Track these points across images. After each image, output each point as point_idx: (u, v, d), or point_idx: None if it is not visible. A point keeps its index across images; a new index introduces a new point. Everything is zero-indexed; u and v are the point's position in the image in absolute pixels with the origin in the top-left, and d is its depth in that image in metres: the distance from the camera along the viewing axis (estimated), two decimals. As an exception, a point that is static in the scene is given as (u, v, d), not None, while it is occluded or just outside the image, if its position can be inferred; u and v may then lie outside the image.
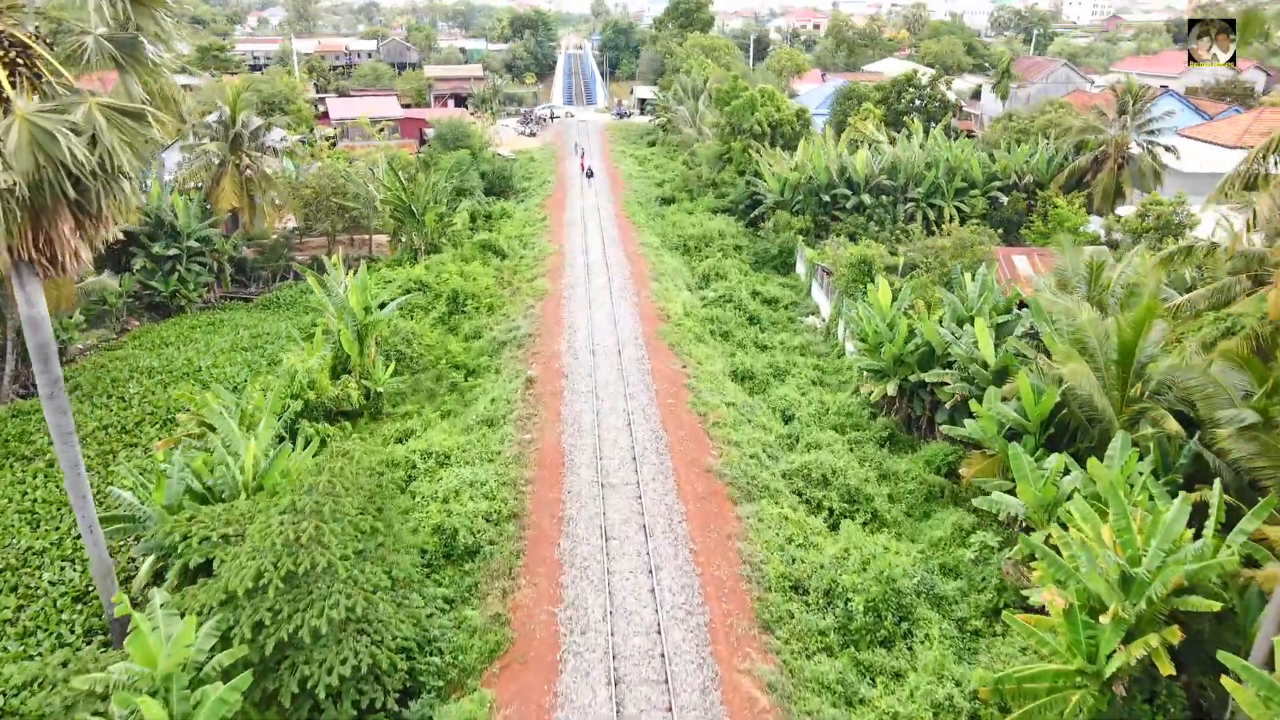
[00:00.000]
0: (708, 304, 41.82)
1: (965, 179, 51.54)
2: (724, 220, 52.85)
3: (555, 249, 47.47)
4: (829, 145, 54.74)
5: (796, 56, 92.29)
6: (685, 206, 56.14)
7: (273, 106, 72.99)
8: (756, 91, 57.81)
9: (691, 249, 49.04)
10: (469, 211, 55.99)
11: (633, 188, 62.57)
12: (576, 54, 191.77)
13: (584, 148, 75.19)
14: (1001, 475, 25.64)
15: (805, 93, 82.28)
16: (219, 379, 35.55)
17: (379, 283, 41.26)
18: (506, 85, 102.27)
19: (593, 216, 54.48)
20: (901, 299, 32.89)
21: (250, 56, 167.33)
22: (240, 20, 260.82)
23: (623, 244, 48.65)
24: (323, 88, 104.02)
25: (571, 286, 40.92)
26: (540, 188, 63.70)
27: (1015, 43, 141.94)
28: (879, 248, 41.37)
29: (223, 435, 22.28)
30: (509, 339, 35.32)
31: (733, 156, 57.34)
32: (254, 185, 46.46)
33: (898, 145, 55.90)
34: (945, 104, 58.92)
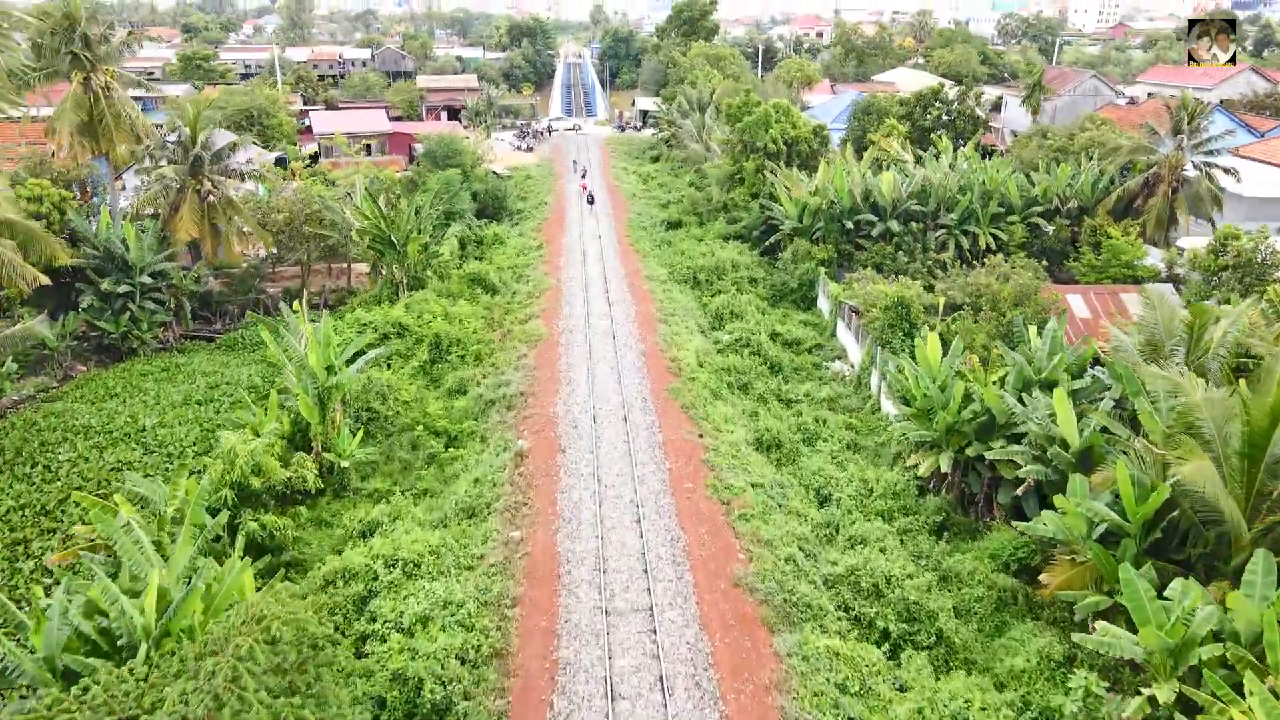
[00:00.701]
0: (723, 349, 37.17)
1: (1002, 203, 46.99)
2: (736, 248, 48.23)
3: (552, 283, 42.83)
4: (851, 166, 50.16)
5: (806, 66, 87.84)
6: (694, 232, 51.54)
7: (252, 120, 68.45)
8: (770, 107, 53.27)
9: (702, 282, 44.41)
10: (458, 237, 51.40)
11: (636, 209, 57.98)
12: (575, 63, 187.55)
13: (584, 165, 70.57)
14: (1094, 586, 20.99)
15: (818, 105, 77.79)
16: (163, 442, 30.90)
17: (354, 326, 36.60)
18: (502, 96, 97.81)
19: (593, 243, 49.86)
20: (952, 354, 28.26)
21: (241, 65, 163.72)
22: (235, 28, 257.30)
23: (626, 276, 44.01)
24: (311, 99, 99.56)
25: (570, 330, 36.26)
26: (536, 210, 59.10)
27: (1030, 52, 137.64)
28: (915, 287, 36.75)
29: (125, 557, 17.59)
30: (497, 397, 30.64)
31: (745, 177, 52.77)
32: (217, 212, 41.84)
33: (926, 166, 51.34)
34: (975, 120, 54.40)
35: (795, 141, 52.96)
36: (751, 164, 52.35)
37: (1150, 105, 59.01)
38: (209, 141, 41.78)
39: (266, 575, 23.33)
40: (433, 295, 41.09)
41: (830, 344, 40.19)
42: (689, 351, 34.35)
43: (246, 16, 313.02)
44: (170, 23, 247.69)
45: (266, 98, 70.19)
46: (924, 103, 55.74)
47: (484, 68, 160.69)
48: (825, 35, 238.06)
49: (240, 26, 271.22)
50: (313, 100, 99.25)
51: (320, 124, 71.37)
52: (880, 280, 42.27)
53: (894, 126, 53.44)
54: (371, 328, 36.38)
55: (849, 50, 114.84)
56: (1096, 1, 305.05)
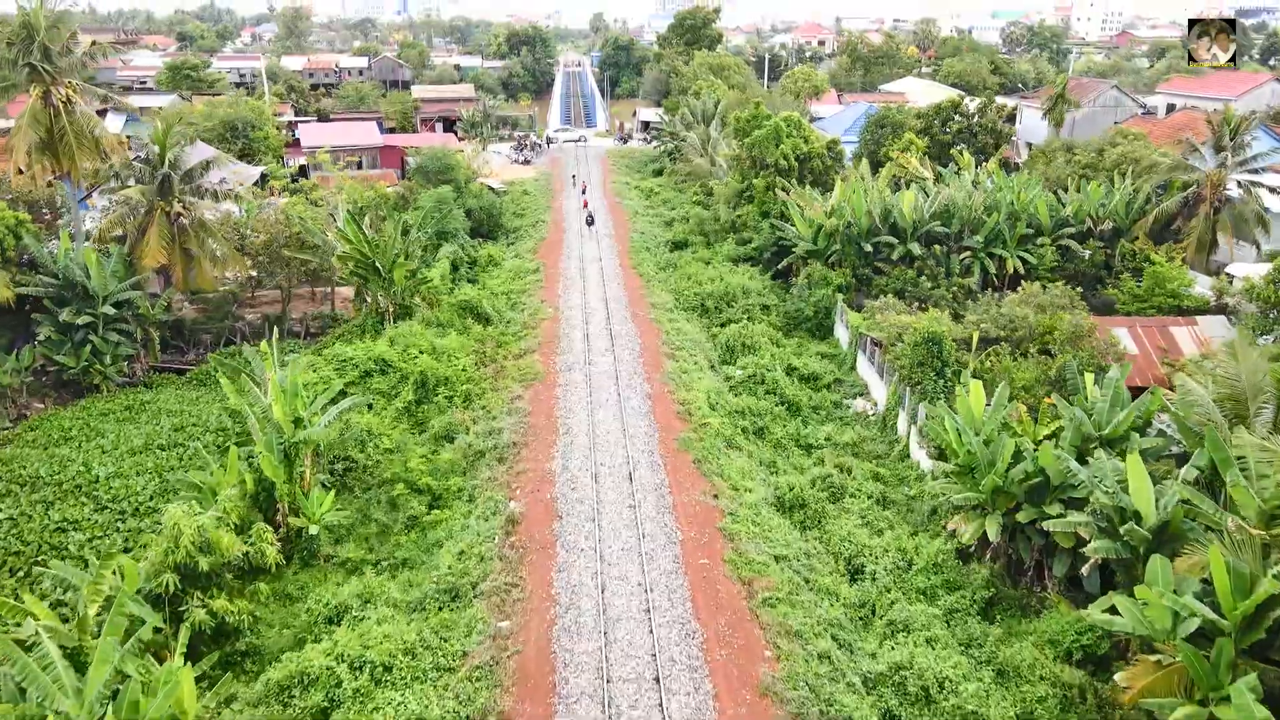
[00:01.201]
0: (736, 387, 34.11)
1: (1030, 224, 44.01)
2: (747, 272, 45.21)
3: (549, 312, 39.79)
4: (869, 184, 47.18)
5: (814, 76, 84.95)
6: (701, 254, 48.49)
7: (236, 133, 65.53)
8: (781, 120, 50.31)
9: (711, 310, 41.36)
10: (450, 259, 48.36)
11: (638, 228, 54.98)
12: (575, 71, 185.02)
13: (584, 180, 67.53)
14: (1185, 693, 17.91)
15: (827, 117, 74.87)
16: (117, 496, 27.81)
17: (332, 363, 33.51)
18: (499, 106, 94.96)
19: (593, 266, 46.83)
20: (997, 403, 25.20)
21: (235, 74, 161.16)
22: (231, 36, 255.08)
23: (629, 304, 40.96)
24: (302, 109, 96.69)
25: (568, 367, 33.18)
26: (533, 228, 56.10)
27: (1039, 61, 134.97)
28: (946, 320, 33.72)
29: (30, 685, 14.49)
30: (487, 448, 27.54)
31: (754, 195, 49.77)
32: (189, 235, 38.80)
33: (946, 183, 48.36)
34: (998, 134, 51.46)
35: (808, 157, 50.00)
36: (761, 181, 49.36)
37: (1181, 118, 56.13)
38: (180, 159, 38.74)
39: (223, 666, 20.27)
40: (420, 326, 38.04)
41: (850, 378, 37.12)
42: (699, 392, 31.27)
43: (245, 24, 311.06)
44: (166, 31, 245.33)
45: (252, 109, 67.25)
46: (943, 116, 52.79)
47: (482, 77, 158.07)
48: (828, 43, 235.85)
49: (238, 35, 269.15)
50: (304, 111, 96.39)
51: (308, 137, 68.41)
52: (903, 308, 39.29)
53: (913, 141, 50.49)
54: (352, 364, 33.31)
55: (855, 59, 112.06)
56: (1099, 9, 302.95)
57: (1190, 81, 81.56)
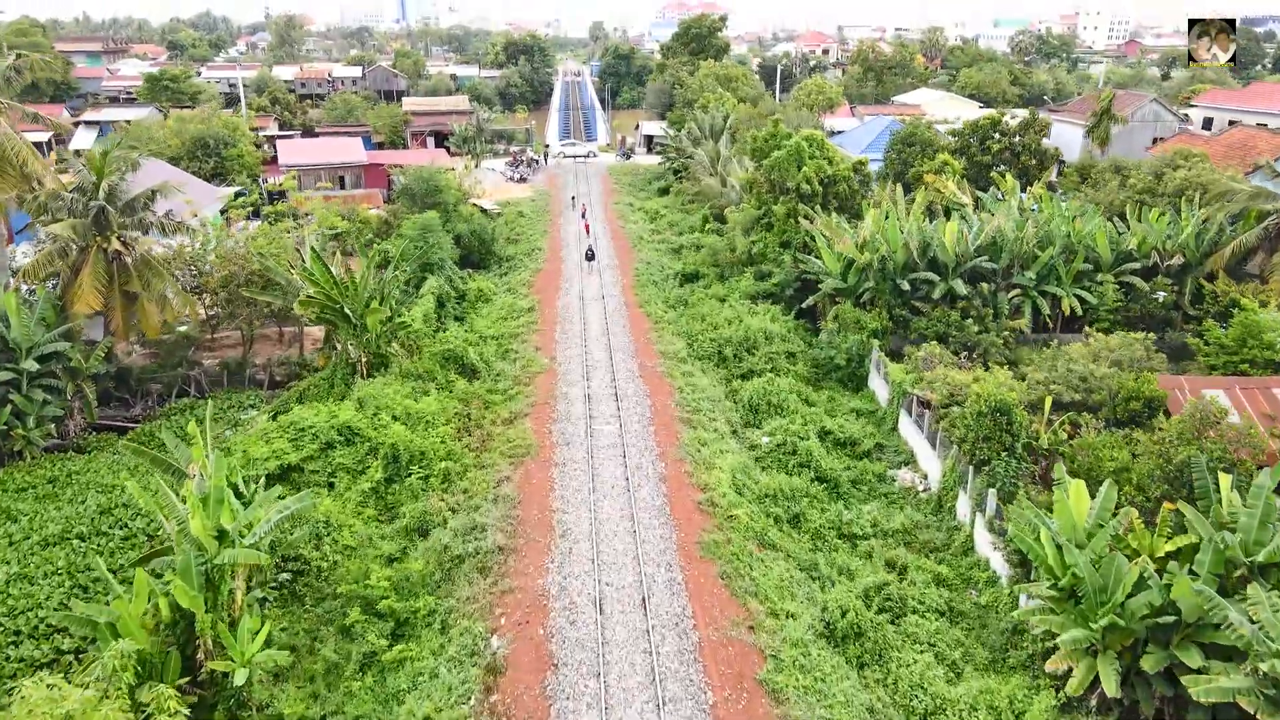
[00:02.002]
0: (764, 459, 29.02)
1: (1087, 258, 39.06)
2: (767, 311, 40.14)
3: (545, 363, 34.71)
4: (902, 213, 42.21)
5: (827, 88, 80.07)
6: (714, 289, 43.42)
7: (208, 151, 60.59)
8: (801, 140, 45.34)
9: (729, 358, 36.27)
10: (435, 294, 43.31)
11: (644, 257, 49.93)
12: (574, 81, 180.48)
13: (583, 202, 62.43)
14: None
15: (847, 132, 69.89)
16: (13, 610, 22.68)
17: (288, 434, 28.39)
18: (495, 120, 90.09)
19: (594, 306, 41.75)
20: (1102, 507, 20.12)
21: (225, 84, 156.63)
22: (225, 45, 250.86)
23: (636, 353, 35.87)
24: (287, 122, 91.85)
25: (566, 439, 28.07)
26: (529, 257, 51.06)
27: (1057, 70, 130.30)
28: (1010, 381, 28.69)
29: None
30: (467, 552, 22.44)
31: (774, 223, 44.80)
32: (130, 276, 33.76)
33: (990, 210, 43.38)
34: (1042, 155, 46.46)
35: (833, 180, 45.01)
36: (782, 208, 44.38)
37: (1238, 135, 51.16)
38: (119, 188, 33.69)
39: None
40: (396, 381, 32.96)
41: (892, 443, 32.06)
42: (722, 471, 26.17)
43: (240, 33, 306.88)
44: (158, 40, 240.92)
45: (225, 125, 62.28)
46: (981, 134, 47.79)
47: (479, 87, 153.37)
48: (832, 53, 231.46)
49: (232, 43, 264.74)
50: (289, 125, 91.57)
51: (287, 155, 63.41)
52: (950, 358, 34.29)
53: (949, 163, 45.52)
54: (311, 434, 28.21)
55: (867, 69, 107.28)
56: (1105, 18, 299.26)
57: (1228, 94, 76.75)
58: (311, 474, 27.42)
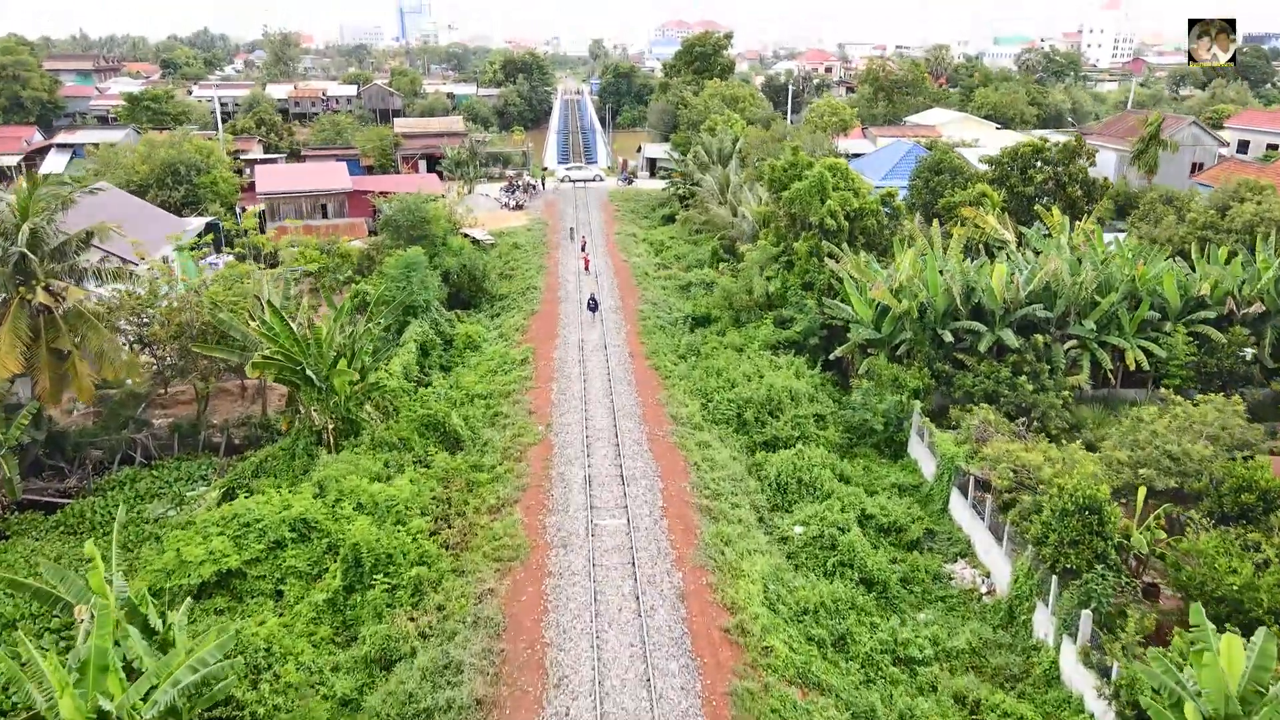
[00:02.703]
0: (798, 555, 24.41)
1: (1153, 305, 34.62)
2: (790, 364, 35.64)
3: (539, 430, 30.13)
4: (939, 251, 37.79)
5: (841, 109, 75.82)
6: (730, 337, 38.86)
7: (178, 178, 56.21)
8: (824, 169, 40.96)
9: (750, 422, 31.68)
10: (418, 342, 38.81)
11: (650, 296, 45.44)
12: (574, 99, 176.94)
13: (583, 234, 57.87)
14: None
15: (865, 157, 65.53)
16: None
17: (231, 530, 23.74)
18: (491, 142, 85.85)
19: (596, 356, 37.19)
20: (1257, 664, 15.53)
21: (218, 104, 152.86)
22: (220, 63, 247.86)
23: (644, 417, 31.28)
24: (273, 146, 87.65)
25: (563, 538, 23.45)
26: (523, 296, 46.56)
27: (1075, 90, 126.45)
28: (1090, 466, 24.13)
29: None
30: (437, 705, 17.77)
31: (794, 261, 40.38)
32: (59, 332, 29.23)
33: (1036, 247, 38.99)
34: (1090, 186, 42.03)
35: (859, 214, 40.61)
36: (803, 245, 39.93)
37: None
38: (47, 232, 29.17)
39: None
40: (366, 454, 28.39)
41: (943, 526, 27.50)
42: (752, 582, 21.57)
43: (239, 51, 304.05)
44: (153, 58, 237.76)
45: (198, 149, 57.94)
46: (1022, 162, 43.34)
47: (476, 105, 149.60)
48: (835, 71, 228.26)
49: (228, 61, 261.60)
50: (275, 147, 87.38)
51: (265, 181, 59.05)
52: (1003, 423, 29.77)
53: (988, 194, 41.11)
54: (258, 530, 23.58)
55: (877, 89, 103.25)
56: (1109, 35, 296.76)
57: (1264, 116, 72.61)
58: (256, 580, 22.79)
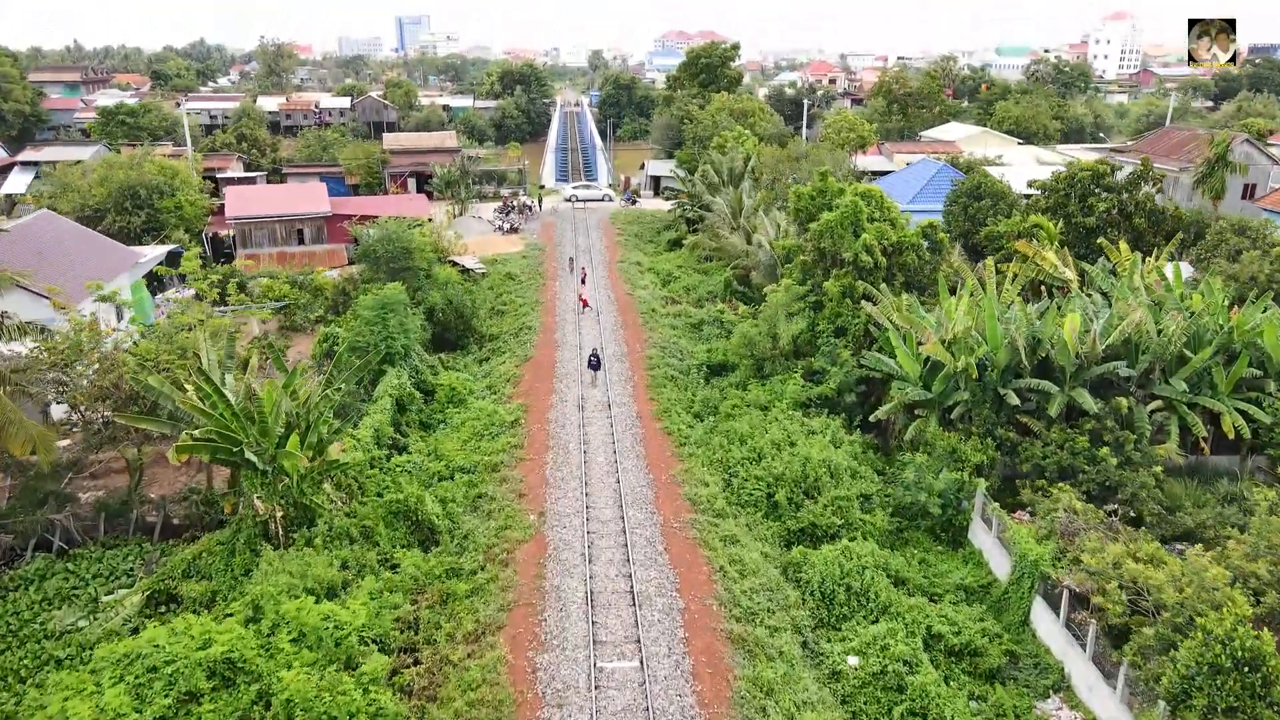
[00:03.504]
0: (856, 701, 19.26)
1: (1253, 360, 29.57)
2: (826, 428, 30.53)
3: (530, 521, 24.97)
4: (991, 292, 32.75)
5: (858, 124, 70.86)
6: (753, 393, 33.69)
7: (139, 202, 51.20)
8: (856, 198, 35.99)
9: (784, 505, 26.53)
10: (394, 396, 33.71)
11: (658, 339, 40.35)
12: (573, 111, 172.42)
13: (583, 265, 52.63)
14: None
15: (889, 176, 60.53)
16: None
17: (135, 674, 18.55)
18: (484, 160, 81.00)
19: (598, 418, 32.02)
20: None
21: (205, 115, 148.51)
22: (214, 75, 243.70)
23: (657, 501, 26.13)
24: (254, 163, 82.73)
25: (559, 699, 18.16)
26: (516, 338, 41.48)
27: (1096, 103, 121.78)
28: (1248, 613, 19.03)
29: None
30: None
31: (825, 303, 35.36)
32: (-51, 403, 24.11)
33: (1105, 289, 33.98)
34: (1159, 217, 36.87)
35: (898, 249, 35.60)
36: (835, 285, 34.90)
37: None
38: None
39: None
40: (319, 553, 23.24)
41: (1025, 644, 22.37)
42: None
43: (235, 62, 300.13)
44: (144, 69, 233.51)
45: (162, 170, 52.90)
46: (1080, 190, 38.25)
47: (473, 118, 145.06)
48: (839, 82, 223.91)
49: (225, 73, 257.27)
50: (256, 165, 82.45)
51: (236, 205, 54.05)
52: (1091, 512, 24.71)
53: (1043, 226, 36.10)
54: (167, 676, 18.40)
55: (891, 102, 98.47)
56: (1116, 46, 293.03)
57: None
58: (160, 750, 17.59)
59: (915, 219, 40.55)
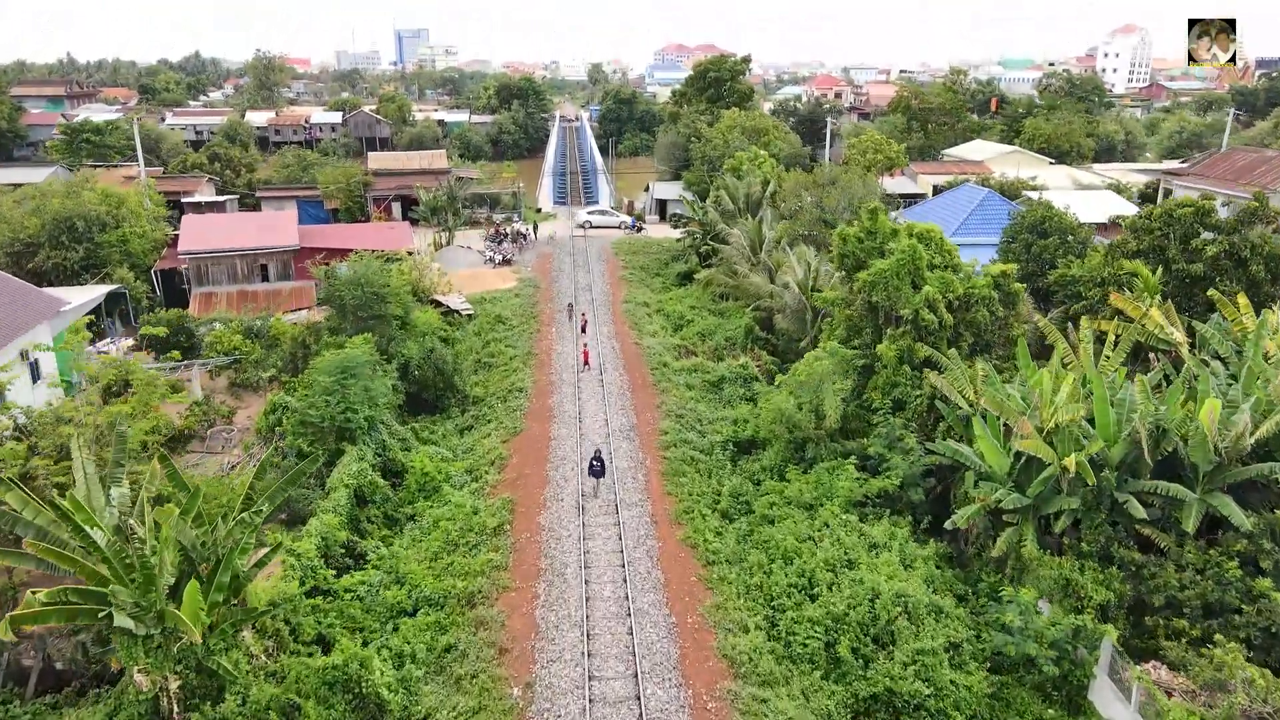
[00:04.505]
0: None
1: None
2: (892, 539, 24.15)
3: (509, 698, 18.51)
4: (1092, 366, 26.42)
5: (885, 144, 64.54)
6: (794, 486, 27.18)
7: (76, 236, 44.92)
8: (914, 242, 29.71)
9: (848, 661, 20.07)
10: (352, 486, 27.35)
11: (673, 406, 33.95)
12: (572, 126, 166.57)
13: (583, 312, 45.66)
14: None
15: (922, 205, 54.21)
16: None
17: None
18: (477, 182, 74.83)
19: (603, 527, 25.56)
20: None
21: (191, 131, 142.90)
22: (204, 89, 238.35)
23: (684, 668, 19.63)
24: (227, 185, 76.49)
25: None
26: (504, 403, 35.11)
27: (1125, 119, 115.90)
28: None
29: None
30: None
31: (880, 368, 29.04)
32: None
33: (1220, 353, 27.64)
34: (1276, 261, 30.71)
35: (966, 303, 29.29)
36: (890, 348, 28.57)
37: None
38: None
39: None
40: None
41: None
42: None
43: (230, 75, 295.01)
44: (133, 83, 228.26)
45: (105, 197, 46.59)
46: (1182, 230, 31.87)
47: (468, 133, 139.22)
48: (845, 96, 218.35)
49: (218, 86, 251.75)
50: (230, 187, 76.22)
51: (190, 237, 47.72)
52: (1270, 681, 18.28)
53: (1141, 274, 29.84)
54: None
55: (910, 118, 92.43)
56: (1125, 60, 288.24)
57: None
58: None
59: (963, 256, 34.21)
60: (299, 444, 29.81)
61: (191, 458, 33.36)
